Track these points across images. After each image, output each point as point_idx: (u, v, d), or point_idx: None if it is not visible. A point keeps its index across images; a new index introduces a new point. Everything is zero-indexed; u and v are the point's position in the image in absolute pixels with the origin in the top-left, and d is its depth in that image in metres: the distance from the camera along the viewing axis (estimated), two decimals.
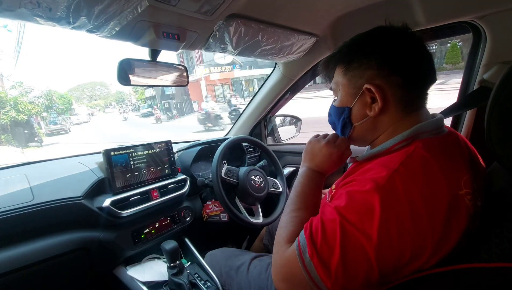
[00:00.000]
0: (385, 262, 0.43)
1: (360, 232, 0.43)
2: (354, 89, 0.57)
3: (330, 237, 0.45)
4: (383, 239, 0.42)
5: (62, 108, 25.26)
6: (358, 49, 0.57)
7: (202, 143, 1.38)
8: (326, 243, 0.45)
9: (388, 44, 0.54)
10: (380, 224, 0.42)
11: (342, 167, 1.39)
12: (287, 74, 1.32)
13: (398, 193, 0.44)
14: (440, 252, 0.45)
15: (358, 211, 0.44)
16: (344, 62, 0.59)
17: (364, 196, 0.45)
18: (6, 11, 0.53)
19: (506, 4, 0.76)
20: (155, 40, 0.74)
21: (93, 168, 1.02)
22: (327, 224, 0.46)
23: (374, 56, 0.54)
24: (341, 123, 0.62)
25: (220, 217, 1.24)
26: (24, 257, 0.77)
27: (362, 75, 0.55)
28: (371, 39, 0.57)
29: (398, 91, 0.54)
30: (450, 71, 12.26)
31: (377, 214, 0.43)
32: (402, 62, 0.53)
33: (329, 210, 0.48)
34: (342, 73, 0.59)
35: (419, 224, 0.43)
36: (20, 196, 0.84)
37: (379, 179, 0.45)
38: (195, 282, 0.99)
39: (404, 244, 0.43)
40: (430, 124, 0.54)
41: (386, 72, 0.53)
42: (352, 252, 0.43)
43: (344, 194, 0.48)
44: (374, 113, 0.55)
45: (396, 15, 0.56)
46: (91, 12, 0.59)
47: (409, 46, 0.54)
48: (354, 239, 0.43)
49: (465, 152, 0.57)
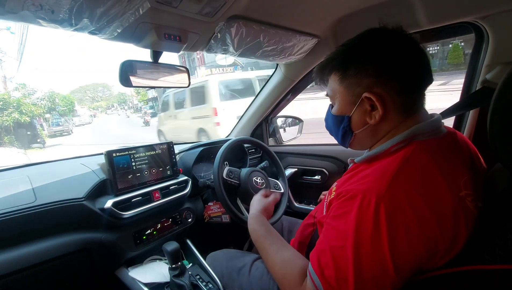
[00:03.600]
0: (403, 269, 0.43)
1: (371, 249, 0.43)
2: (352, 97, 0.56)
3: (343, 267, 0.44)
4: (396, 250, 0.42)
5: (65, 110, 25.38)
6: (354, 56, 0.56)
7: (204, 145, 1.38)
8: (341, 274, 0.44)
9: (385, 50, 0.53)
10: (389, 236, 0.42)
11: (342, 168, 1.39)
12: (288, 75, 1.32)
13: (401, 201, 0.44)
14: (449, 254, 0.45)
15: (365, 229, 0.44)
16: (339, 69, 0.57)
17: (367, 212, 0.44)
18: (9, 14, 0.54)
19: (508, 4, 0.76)
20: (157, 41, 0.74)
21: (95, 170, 1.03)
22: (337, 255, 0.46)
23: (371, 64, 0.53)
24: (341, 132, 0.61)
25: (222, 218, 1.23)
26: (26, 258, 0.77)
27: (360, 83, 0.54)
28: (366, 44, 0.56)
29: (397, 97, 0.53)
30: (452, 72, 12.20)
31: (383, 227, 0.42)
32: (400, 67, 0.52)
33: (334, 234, 0.48)
34: (339, 81, 0.58)
35: (428, 229, 0.43)
36: (23, 197, 0.84)
37: (379, 189, 0.45)
38: (196, 283, 0.99)
39: (417, 250, 0.43)
40: (427, 125, 0.53)
41: (384, 79, 0.52)
42: (368, 270, 0.43)
43: (346, 212, 0.47)
44: (374, 121, 0.55)
45: (398, 16, 0.56)
46: (93, 14, 0.59)
47: (406, 50, 0.54)
48: (366, 259, 0.43)
49: (464, 153, 0.57)
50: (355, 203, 0.46)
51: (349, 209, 0.47)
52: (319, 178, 1.46)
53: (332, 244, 0.47)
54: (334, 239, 0.47)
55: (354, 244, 0.44)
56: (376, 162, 0.54)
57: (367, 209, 0.44)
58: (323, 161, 1.46)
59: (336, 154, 1.42)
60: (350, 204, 0.47)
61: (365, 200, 0.45)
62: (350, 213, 0.46)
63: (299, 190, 1.55)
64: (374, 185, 0.46)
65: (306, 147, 1.59)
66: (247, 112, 1.59)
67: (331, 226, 0.49)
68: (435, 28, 0.90)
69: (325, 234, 0.50)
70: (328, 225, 0.51)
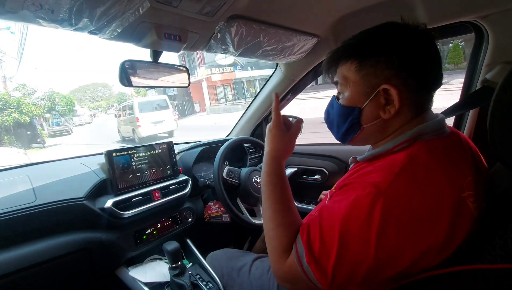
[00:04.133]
0: (384, 266, 0.44)
1: (358, 238, 0.43)
2: (368, 88, 0.53)
3: (328, 244, 0.46)
4: (382, 244, 0.42)
5: (65, 110, 25.32)
6: (375, 45, 0.53)
7: (204, 144, 1.38)
8: (324, 250, 0.46)
9: (408, 43, 0.51)
10: (379, 229, 0.42)
11: (342, 167, 1.39)
12: (288, 75, 1.32)
13: (400, 198, 0.44)
14: (442, 255, 0.45)
15: (357, 217, 0.44)
16: (357, 57, 0.54)
17: (364, 202, 0.44)
18: (9, 13, 0.54)
19: (508, 3, 0.76)
20: (157, 41, 0.74)
21: (95, 169, 1.03)
22: (325, 231, 0.47)
23: (396, 55, 0.51)
24: (348, 124, 0.58)
25: (222, 218, 1.24)
26: (26, 258, 0.78)
27: (379, 75, 0.52)
28: (388, 36, 0.53)
29: (412, 94, 0.52)
30: (452, 71, 12.19)
31: (376, 220, 0.42)
32: (420, 64, 0.51)
33: (327, 214, 0.49)
34: (355, 69, 0.54)
35: (419, 230, 0.43)
36: (23, 197, 0.84)
37: (381, 183, 0.45)
38: (196, 283, 0.99)
39: (403, 249, 0.43)
40: (432, 125, 0.53)
41: (404, 73, 0.51)
42: (350, 257, 0.44)
43: (344, 198, 0.48)
44: (388, 116, 0.53)
45: (398, 15, 0.55)
46: (93, 14, 0.59)
47: (426, 47, 0.52)
48: (352, 246, 0.44)
49: (468, 153, 0.56)
50: (356, 191, 0.47)
51: (347, 195, 0.48)
52: (319, 178, 1.46)
53: (323, 222, 0.48)
54: (326, 218, 0.48)
55: (342, 226, 0.45)
56: (379, 160, 0.53)
57: (365, 198, 0.44)
58: (323, 161, 1.46)
59: (337, 154, 1.42)
60: (350, 191, 0.48)
61: (366, 191, 0.45)
62: (348, 199, 0.47)
63: (299, 190, 1.55)
64: (376, 179, 0.46)
65: (306, 146, 1.59)
66: (247, 112, 1.59)
67: (327, 207, 0.50)
68: (435, 28, 0.90)
69: (320, 211, 0.51)
70: (324, 206, 0.51)
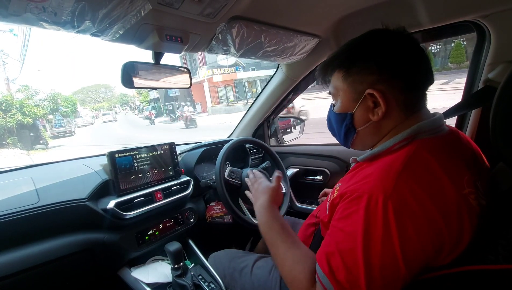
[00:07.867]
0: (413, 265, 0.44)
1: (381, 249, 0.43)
2: (355, 94, 0.57)
3: (354, 269, 0.44)
4: (406, 248, 0.42)
5: (67, 111, 25.48)
6: (357, 54, 0.57)
7: (205, 145, 1.38)
8: (351, 276, 0.44)
9: (387, 48, 0.55)
10: (399, 234, 0.42)
11: (344, 167, 1.39)
12: (289, 75, 1.32)
13: (407, 198, 0.44)
14: (455, 251, 0.46)
15: (374, 230, 0.44)
16: (343, 67, 0.59)
17: (376, 212, 0.44)
18: (13, 16, 0.54)
19: (510, 3, 0.75)
20: (158, 42, 0.75)
21: (97, 170, 1.03)
22: (346, 255, 0.46)
23: (374, 61, 0.54)
24: (344, 129, 0.62)
25: (224, 218, 1.24)
26: (29, 259, 0.78)
27: (363, 80, 0.55)
28: (368, 43, 0.57)
29: (399, 95, 0.54)
30: (454, 71, 12.14)
31: (392, 223, 0.43)
32: (402, 65, 0.54)
33: (343, 238, 0.48)
34: (342, 78, 0.59)
35: (435, 224, 0.44)
36: (26, 198, 0.85)
37: (385, 188, 0.45)
38: (198, 283, 0.99)
39: (426, 246, 0.44)
40: (429, 123, 0.54)
41: (386, 76, 0.54)
42: (379, 270, 0.43)
43: (353, 215, 0.47)
44: (377, 118, 0.56)
45: (399, 15, 0.56)
46: (95, 16, 0.59)
47: (407, 49, 0.55)
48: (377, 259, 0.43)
49: (466, 151, 0.57)
50: (362, 203, 0.46)
51: (355, 209, 0.47)
52: (321, 178, 1.46)
53: (340, 246, 0.47)
54: (343, 241, 0.47)
55: (364, 245, 0.44)
56: (379, 160, 0.54)
57: (375, 208, 0.44)
58: (324, 161, 1.46)
59: (338, 154, 1.41)
60: (356, 204, 0.47)
61: (372, 200, 0.45)
62: (357, 213, 0.46)
63: (301, 190, 1.55)
64: (379, 183, 0.46)
65: (307, 147, 1.59)
66: (248, 113, 1.59)
67: (338, 228, 0.49)
68: (437, 27, 0.90)
69: (332, 236, 0.50)
70: (334, 227, 0.51)
